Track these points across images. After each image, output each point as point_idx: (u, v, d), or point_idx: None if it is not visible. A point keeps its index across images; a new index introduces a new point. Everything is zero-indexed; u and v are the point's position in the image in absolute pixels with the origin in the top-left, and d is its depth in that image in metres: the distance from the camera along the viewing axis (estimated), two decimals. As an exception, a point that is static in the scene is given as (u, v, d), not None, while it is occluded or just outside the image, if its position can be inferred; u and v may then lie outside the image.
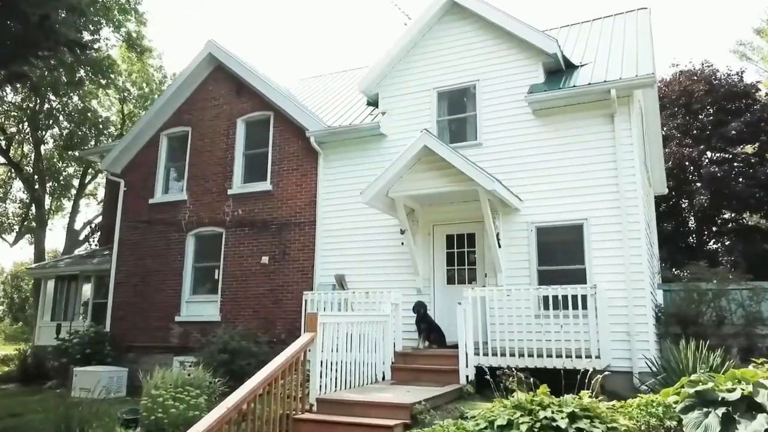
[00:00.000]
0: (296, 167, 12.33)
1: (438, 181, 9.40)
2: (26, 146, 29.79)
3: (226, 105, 13.58)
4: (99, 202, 32.26)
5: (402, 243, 10.57)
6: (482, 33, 11.02)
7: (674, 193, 21.10)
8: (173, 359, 12.21)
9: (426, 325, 9.65)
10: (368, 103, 12.36)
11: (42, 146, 28.96)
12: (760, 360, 5.96)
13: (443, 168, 9.27)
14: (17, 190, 32.20)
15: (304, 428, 6.40)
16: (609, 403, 5.55)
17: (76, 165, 30.41)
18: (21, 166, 28.82)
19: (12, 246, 32.39)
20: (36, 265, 20.37)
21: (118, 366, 12.63)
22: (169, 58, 57.46)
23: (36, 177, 28.81)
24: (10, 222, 32.42)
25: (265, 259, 12.10)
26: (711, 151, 21.76)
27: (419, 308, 9.67)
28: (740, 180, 20.42)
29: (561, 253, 9.72)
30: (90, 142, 27.98)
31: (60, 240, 33.98)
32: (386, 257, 10.89)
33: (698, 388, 5.26)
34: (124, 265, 14.11)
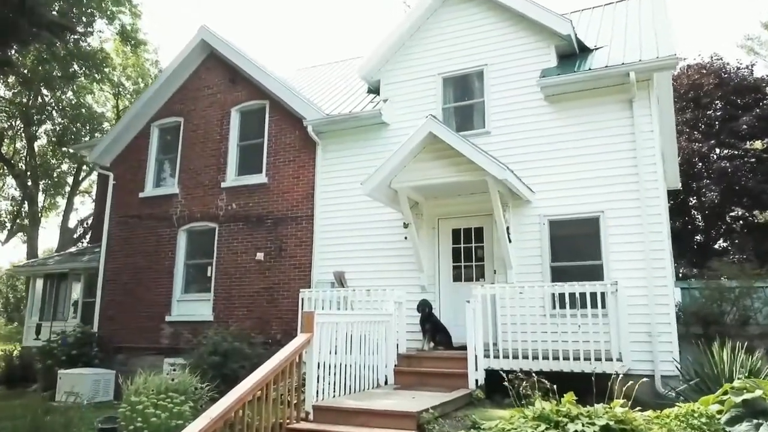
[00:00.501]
0: (293, 158, 11.70)
1: (444, 171, 8.76)
2: (18, 142, 29.14)
3: (220, 94, 12.94)
4: (94, 200, 31.61)
5: (405, 238, 9.95)
6: (490, 14, 10.39)
7: (682, 190, 20.50)
8: (164, 361, 11.65)
9: (431, 326, 9.04)
10: (369, 91, 11.73)
11: (35, 142, 28.32)
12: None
13: (450, 156, 8.63)
14: (9, 187, 31.56)
15: (299, 439, 5.78)
16: (644, 414, 4.90)
17: (71, 162, 29.79)
18: (13, 163, 28.16)
19: (4, 244, 31.79)
20: (24, 263, 19.72)
21: (107, 368, 12.02)
22: (166, 54, 56.68)
23: (29, 174, 28.18)
24: (2, 220, 31.76)
25: (260, 256, 11.47)
26: (720, 147, 21.15)
27: (424, 307, 9.05)
28: (751, 176, 19.81)
29: (576, 248, 9.10)
30: (84, 138, 27.32)
31: (55, 239, 33.35)
32: (388, 253, 10.26)
33: (745, 397, 4.64)
34: (113, 263, 13.47)
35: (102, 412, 7.51)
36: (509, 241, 9.08)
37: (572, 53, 9.98)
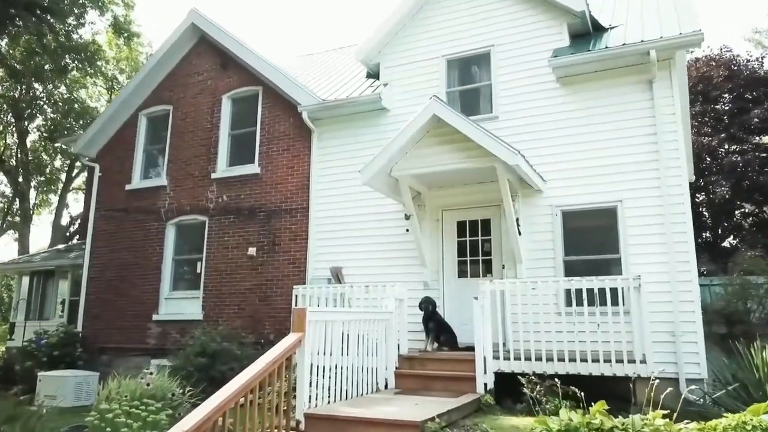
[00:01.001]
0: (287, 147, 11.02)
1: (449, 157, 8.08)
2: (9, 137, 28.40)
3: (211, 80, 12.26)
4: (85, 195, 30.89)
5: (407, 230, 9.28)
6: (497, -8, 9.73)
7: (690, 186, 19.83)
8: (150, 362, 10.95)
9: (435, 325, 8.37)
10: (368, 76, 11.04)
11: (27, 137, 27.60)
12: None
13: (456, 141, 7.95)
14: (-1, 183, 30.82)
15: (289, 453, 5.11)
16: (689, 425, 4.21)
17: (63, 158, 29.08)
18: (3, 158, 27.44)
19: (-7, 241, 31.03)
20: (10, 260, 19.01)
21: (91, 370, 11.29)
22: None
23: (20, 170, 27.46)
24: (-8, 216, 31.05)
25: (253, 251, 10.79)
26: (730, 141, 20.47)
27: (427, 305, 8.37)
28: (762, 171, 19.16)
29: (591, 241, 8.44)
30: (76, 133, 26.61)
31: (47, 237, 32.60)
32: (389, 247, 9.59)
33: (807, 406, 3.97)
34: (99, 259, 12.77)
35: (74, 419, 6.82)
36: (519, 234, 8.41)
37: (586, 32, 9.31)
